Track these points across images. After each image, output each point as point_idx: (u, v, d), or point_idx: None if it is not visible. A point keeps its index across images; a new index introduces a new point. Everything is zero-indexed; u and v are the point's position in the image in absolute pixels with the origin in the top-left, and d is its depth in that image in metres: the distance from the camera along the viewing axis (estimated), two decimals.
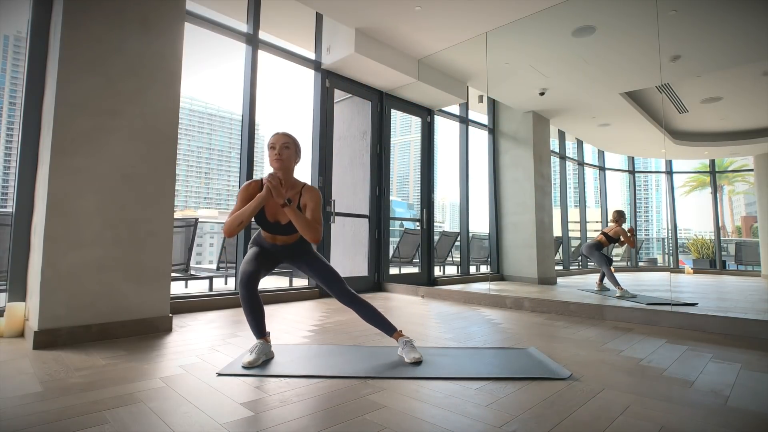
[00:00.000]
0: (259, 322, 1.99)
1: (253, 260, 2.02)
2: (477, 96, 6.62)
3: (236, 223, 1.89)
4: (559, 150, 6.53)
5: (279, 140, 2.01)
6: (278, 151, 1.99)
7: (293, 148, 2.03)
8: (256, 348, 1.96)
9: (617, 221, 4.86)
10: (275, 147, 2.00)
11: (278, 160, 1.98)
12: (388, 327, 2.09)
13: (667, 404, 1.51)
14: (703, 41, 4.18)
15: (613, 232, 4.82)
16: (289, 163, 2.02)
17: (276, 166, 1.99)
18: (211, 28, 3.69)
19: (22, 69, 2.66)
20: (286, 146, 2.01)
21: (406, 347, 2.02)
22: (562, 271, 6.42)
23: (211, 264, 6.38)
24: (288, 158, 2.01)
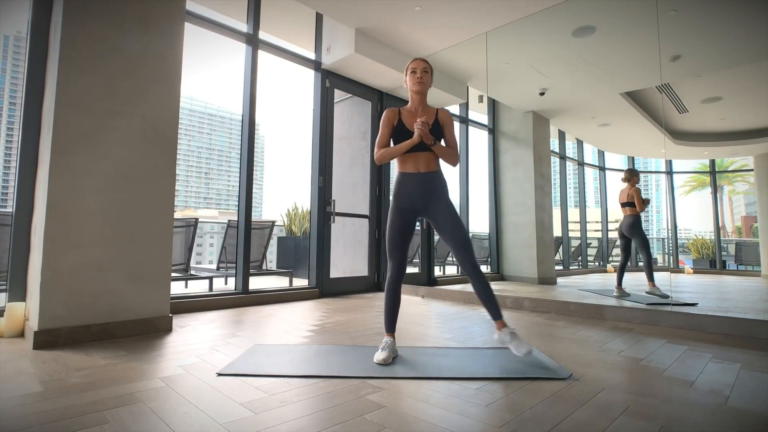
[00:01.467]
0: (395, 316, 2.12)
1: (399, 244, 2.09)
2: (477, 96, 6.61)
3: (388, 157, 2.12)
4: (559, 150, 6.53)
5: (419, 65, 2.14)
6: (419, 75, 2.12)
7: (430, 72, 2.18)
8: (387, 345, 2.01)
9: (630, 180, 4.34)
10: (416, 71, 2.13)
11: (420, 83, 2.12)
12: (496, 313, 2.05)
13: (667, 404, 1.51)
14: (703, 41, 4.18)
15: (629, 196, 4.29)
16: (428, 87, 2.17)
17: (417, 89, 2.13)
18: (211, 28, 3.69)
19: (22, 69, 2.66)
20: (425, 70, 2.14)
21: (514, 340, 1.96)
22: (562, 271, 6.42)
23: (211, 264, 6.38)
24: (427, 81, 2.15)
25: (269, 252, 5.20)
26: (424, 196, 2.09)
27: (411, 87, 2.15)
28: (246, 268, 3.78)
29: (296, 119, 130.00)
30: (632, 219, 4.31)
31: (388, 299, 2.12)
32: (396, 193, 2.12)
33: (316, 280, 4.39)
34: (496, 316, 2.05)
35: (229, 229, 4.72)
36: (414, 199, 2.09)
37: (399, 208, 2.10)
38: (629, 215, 4.33)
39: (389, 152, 2.11)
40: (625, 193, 4.36)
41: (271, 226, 5.03)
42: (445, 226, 2.07)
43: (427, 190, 2.09)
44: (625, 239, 4.47)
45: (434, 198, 2.09)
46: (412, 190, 2.09)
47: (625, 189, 4.38)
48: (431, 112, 2.17)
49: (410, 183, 2.10)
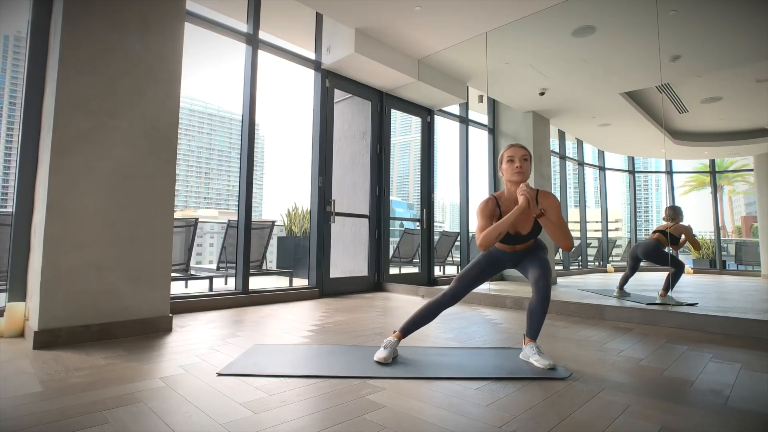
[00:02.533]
0: (417, 328, 2.09)
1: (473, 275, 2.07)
2: (477, 96, 6.61)
3: (495, 236, 1.91)
4: (559, 150, 6.53)
5: (518, 153, 2.01)
6: (519, 164, 2.00)
7: (530, 160, 2.05)
8: (390, 344, 2.00)
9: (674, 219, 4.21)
10: (514, 160, 2.00)
11: (519, 173, 1.99)
12: (536, 330, 2.00)
13: (667, 404, 1.51)
14: (703, 41, 4.18)
15: (673, 229, 4.15)
16: (528, 175, 2.03)
17: (516, 179, 2.00)
18: (211, 28, 3.69)
19: (22, 69, 2.66)
20: (525, 158, 2.02)
21: (539, 354, 1.94)
22: (562, 271, 6.42)
23: (211, 264, 6.38)
24: (527, 171, 2.02)
25: (269, 252, 5.20)
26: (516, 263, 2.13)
27: (509, 177, 2.02)
28: (246, 268, 3.78)
29: (296, 119, 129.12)
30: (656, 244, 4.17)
31: (426, 312, 2.08)
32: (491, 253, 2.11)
33: (316, 280, 4.39)
34: (533, 334, 2.01)
35: (229, 229, 4.72)
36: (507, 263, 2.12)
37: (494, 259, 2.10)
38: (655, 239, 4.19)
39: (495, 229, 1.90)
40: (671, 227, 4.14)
41: (271, 226, 5.03)
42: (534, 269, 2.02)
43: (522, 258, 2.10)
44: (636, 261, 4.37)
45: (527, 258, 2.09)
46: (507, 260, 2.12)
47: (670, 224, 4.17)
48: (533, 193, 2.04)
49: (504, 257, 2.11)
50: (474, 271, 2.08)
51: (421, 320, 2.09)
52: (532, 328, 2.00)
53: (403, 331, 2.09)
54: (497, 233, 1.90)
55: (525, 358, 2.02)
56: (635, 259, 4.42)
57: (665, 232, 4.16)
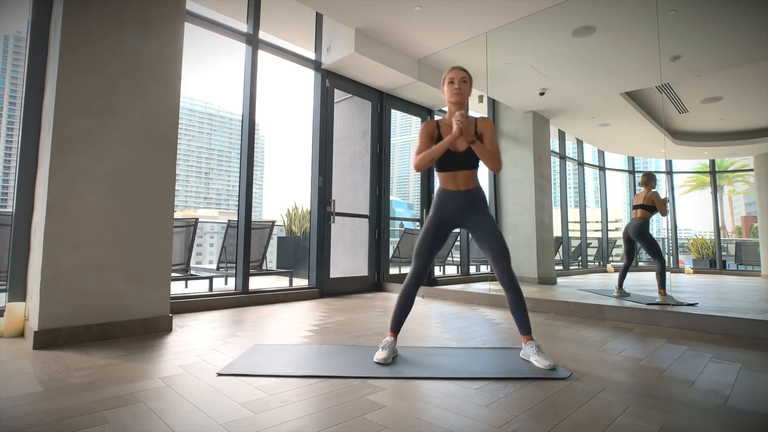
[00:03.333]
0: (404, 318, 2.10)
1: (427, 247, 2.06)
2: (477, 96, 6.61)
3: (428, 160, 2.04)
4: (559, 150, 6.53)
5: (458, 75, 2.09)
6: (458, 86, 2.07)
7: (469, 82, 2.12)
8: (388, 344, 2.00)
9: (647, 184, 4.23)
10: (454, 81, 2.08)
11: (458, 94, 2.07)
12: (526, 326, 2.04)
13: (667, 404, 1.51)
14: (703, 41, 4.18)
15: (646, 199, 4.18)
16: (467, 97, 2.11)
17: (455, 99, 2.08)
18: (211, 28, 3.69)
19: (22, 69, 2.66)
20: (464, 80, 2.09)
21: (539, 353, 1.95)
22: (562, 271, 6.42)
23: (211, 264, 6.38)
24: (466, 92, 2.10)
25: (269, 252, 5.20)
26: (465, 212, 2.09)
27: (449, 98, 2.10)
28: (246, 268, 3.78)
29: (296, 119, 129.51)
30: (641, 222, 4.23)
31: (401, 301, 2.10)
32: (436, 206, 2.12)
33: (316, 280, 4.39)
34: (524, 330, 2.03)
35: (229, 229, 4.72)
36: (453, 215, 2.10)
37: (437, 220, 2.10)
38: (639, 218, 4.24)
39: (428, 154, 2.03)
40: (642, 196, 4.25)
41: (271, 226, 5.03)
42: (483, 237, 2.06)
43: (467, 206, 2.09)
44: (630, 243, 4.40)
45: (474, 213, 2.08)
46: (452, 208, 2.10)
47: (643, 192, 4.28)
48: (470, 121, 2.10)
49: (450, 200, 2.10)
50: (427, 240, 2.08)
51: (402, 311, 2.10)
52: (521, 325, 2.04)
53: (393, 329, 2.09)
54: (431, 158, 2.03)
55: (525, 357, 2.02)
56: (629, 241, 4.41)
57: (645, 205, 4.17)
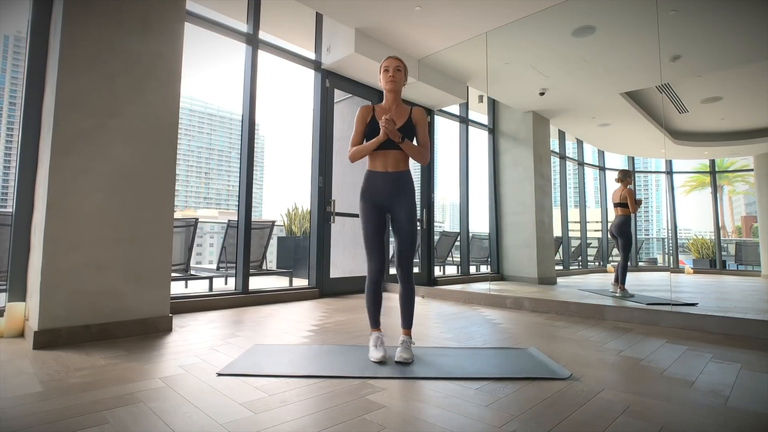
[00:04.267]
0: (379, 312, 2.14)
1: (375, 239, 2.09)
2: (477, 96, 6.61)
3: (360, 156, 2.16)
4: (559, 150, 6.53)
5: (392, 63, 2.14)
6: (392, 74, 2.13)
7: (404, 70, 2.17)
8: (380, 341, 2.03)
9: (623, 180, 4.38)
10: (389, 69, 2.13)
11: (392, 82, 2.13)
12: (408, 321, 2.10)
13: (667, 404, 1.51)
14: (703, 41, 4.18)
15: (621, 197, 4.34)
16: (401, 85, 2.16)
17: (389, 87, 2.13)
18: (211, 28, 3.69)
19: (22, 69, 2.66)
20: (398, 69, 2.14)
21: (402, 346, 2.03)
22: (562, 271, 6.42)
23: (211, 264, 6.38)
24: (400, 80, 2.15)
25: (269, 252, 5.20)
26: (391, 195, 2.11)
27: (384, 86, 2.15)
28: (246, 268, 3.78)
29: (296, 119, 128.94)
30: (622, 219, 4.36)
31: (370, 300, 2.13)
32: (364, 190, 2.15)
33: (316, 280, 4.39)
34: (405, 325, 2.10)
35: (229, 229, 4.72)
36: (381, 198, 2.11)
37: (369, 204, 2.12)
38: (620, 215, 4.38)
39: (359, 150, 2.14)
40: (618, 193, 4.38)
41: (271, 226, 5.03)
42: (400, 227, 2.09)
43: (394, 188, 2.11)
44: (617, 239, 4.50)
45: (399, 196, 2.10)
46: (379, 189, 2.12)
47: (618, 189, 4.40)
48: (405, 110, 2.18)
49: (378, 181, 2.12)
50: (370, 230, 2.10)
51: (374, 305, 2.13)
52: (405, 319, 2.10)
53: (374, 325, 2.12)
54: (362, 155, 2.15)
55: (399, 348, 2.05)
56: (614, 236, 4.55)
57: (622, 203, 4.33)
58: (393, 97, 2.16)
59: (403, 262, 2.09)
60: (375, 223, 2.10)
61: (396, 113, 2.15)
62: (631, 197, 4.29)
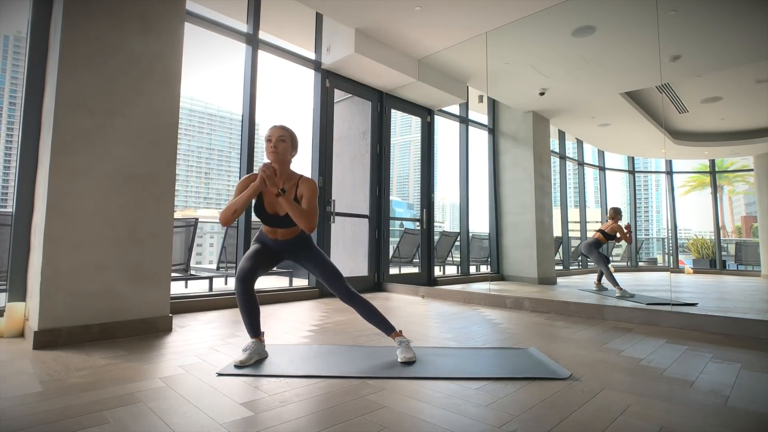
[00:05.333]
0: (254, 321, 2.02)
1: (252, 257, 2.03)
2: (477, 96, 6.61)
3: (230, 212, 1.94)
4: (559, 150, 6.52)
5: (275, 133, 2.02)
6: (274, 144, 2.01)
7: (289, 141, 2.04)
8: (249, 347, 1.97)
9: (614, 218, 4.91)
10: (271, 140, 2.02)
11: (273, 153, 2.01)
12: (387, 327, 2.11)
13: (667, 404, 1.51)
14: (703, 41, 4.17)
15: (609, 229, 4.85)
16: (285, 156, 2.04)
17: (271, 158, 2.02)
18: (211, 28, 3.69)
19: (22, 69, 2.66)
20: (282, 139, 2.02)
21: (401, 347, 2.03)
22: (562, 271, 6.41)
23: (211, 264, 6.38)
24: (284, 151, 2.02)
25: None
26: (288, 255, 2.13)
27: (267, 155, 2.04)
28: None
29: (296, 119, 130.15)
30: (593, 241, 4.90)
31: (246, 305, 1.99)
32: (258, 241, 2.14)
33: (316, 280, 4.39)
34: (388, 331, 2.10)
35: (229, 229, 4.72)
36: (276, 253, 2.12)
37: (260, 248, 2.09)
38: (594, 238, 4.91)
39: (232, 203, 1.94)
40: (608, 225, 4.88)
41: None
42: (313, 269, 2.11)
43: (288, 251, 2.12)
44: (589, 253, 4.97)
45: (297, 254, 2.12)
46: (274, 248, 2.12)
47: (609, 223, 4.90)
48: (293, 179, 2.07)
49: (271, 243, 2.11)
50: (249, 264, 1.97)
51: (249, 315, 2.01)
52: (382, 328, 2.10)
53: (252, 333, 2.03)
54: (233, 209, 1.93)
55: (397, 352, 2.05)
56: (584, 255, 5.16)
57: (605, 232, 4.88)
58: (279, 167, 2.02)
59: (337, 289, 2.07)
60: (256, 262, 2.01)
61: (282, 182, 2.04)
62: (621, 231, 4.84)
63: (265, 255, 2.08)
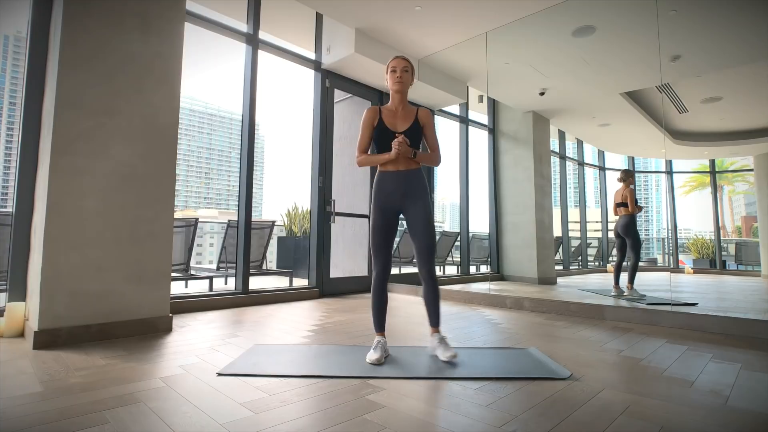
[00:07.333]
0: (384, 315, 2.12)
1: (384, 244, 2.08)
2: (477, 96, 6.61)
3: (367, 164, 2.16)
4: (559, 150, 6.53)
5: (399, 64, 2.12)
6: (399, 74, 2.10)
7: (411, 71, 2.15)
8: (379, 344, 2.02)
9: (625, 180, 4.36)
10: (396, 70, 2.11)
11: (399, 82, 2.11)
12: (437, 319, 2.10)
13: (667, 404, 1.51)
14: (703, 41, 4.18)
15: (623, 197, 4.33)
16: (408, 85, 2.15)
17: (397, 87, 2.11)
18: (211, 28, 3.69)
19: (22, 69, 2.66)
20: (406, 69, 2.12)
21: (441, 345, 2.01)
22: (562, 271, 6.42)
23: (211, 264, 6.38)
24: (407, 81, 2.13)
25: (269, 252, 5.20)
26: (404, 195, 2.10)
27: (391, 86, 2.14)
28: (246, 268, 3.78)
29: (296, 119, 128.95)
30: (627, 219, 4.33)
31: (376, 299, 2.11)
32: (376, 192, 2.13)
33: (316, 280, 4.39)
34: (433, 323, 2.11)
35: (229, 229, 4.72)
36: (394, 198, 2.10)
37: (380, 208, 2.11)
38: (624, 215, 4.36)
39: (369, 160, 2.14)
40: (620, 193, 4.37)
41: (271, 226, 5.03)
42: (416, 226, 2.08)
43: (407, 188, 2.10)
44: (621, 239, 4.46)
45: (412, 196, 2.09)
46: (391, 189, 2.10)
47: (620, 189, 4.38)
48: (411, 111, 2.16)
49: (390, 182, 2.10)
50: (377, 230, 2.09)
51: (380, 308, 2.11)
52: (431, 317, 2.10)
53: (378, 329, 2.10)
54: (370, 163, 2.15)
55: (432, 351, 2.06)
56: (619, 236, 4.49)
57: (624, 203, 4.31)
58: (399, 98, 2.14)
59: (425, 261, 2.07)
60: (382, 223, 2.09)
61: (402, 114, 2.14)
62: (632, 197, 4.27)
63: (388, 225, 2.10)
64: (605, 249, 6.42)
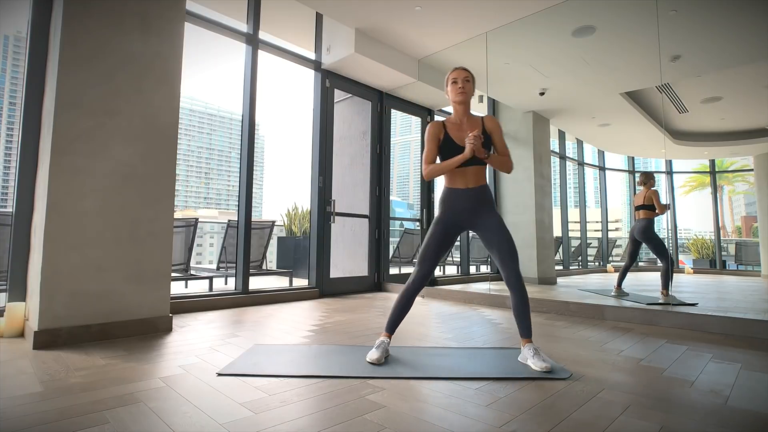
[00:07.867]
0: (401, 320, 2.11)
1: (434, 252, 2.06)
2: (477, 96, 6.61)
3: (437, 174, 2.08)
4: (559, 150, 6.53)
5: (461, 75, 2.09)
6: (461, 85, 2.08)
7: (472, 81, 2.12)
8: (382, 344, 2.01)
9: (646, 183, 4.20)
10: (458, 81, 2.08)
11: (462, 93, 2.07)
12: (528, 329, 2.02)
13: (667, 404, 1.51)
14: (703, 41, 4.17)
15: (646, 199, 4.15)
16: (470, 96, 2.12)
17: (459, 99, 2.08)
18: (211, 28, 3.69)
19: (22, 69, 2.66)
20: (467, 80, 2.09)
21: (535, 356, 1.92)
22: (562, 271, 6.41)
23: (211, 264, 6.38)
24: (469, 91, 2.10)
25: (269, 252, 5.20)
26: (474, 212, 2.06)
27: (453, 98, 2.10)
28: (246, 268, 3.78)
29: (296, 119, 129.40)
30: (645, 223, 4.18)
31: (402, 302, 2.09)
32: (445, 207, 2.09)
33: (316, 280, 4.39)
34: (525, 333, 2.01)
35: (229, 229, 4.72)
36: (463, 215, 2.07)
37: (445, 222, 2.08)
38: (642, 219, 4.20)
39: (440, 168, 2.05)
40: (642, 195, 4.21)
41: (271, 226, 5.03)
42: (493, 238, 2.02)
43: (478, 205, 2.06)
44: (636, 244, 4.33)
45: (484, 212, 2.06)
46: (462, 207, 2.07)
47: (642, 192, 4.23)
48: (476, 121, 2.11)
49: (460, 199, 2.07)
50: (433, 245, 2.06)
51: (401, 312, 2.10)
52: (522, 327, 2.03)
53: (389, 329, 2.09)
54: (441, 173, 2.07)
55: (523, 360, 2.00)
56: (634, 242, 4.33)
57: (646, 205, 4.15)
58: (463, 109, 2.10)
59: (510, 272, 1.99)
60: (442, 235, 2.07)
61: (468, 126, 2.09)
62: (657, 198, 4.11)
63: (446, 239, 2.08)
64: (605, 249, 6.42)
